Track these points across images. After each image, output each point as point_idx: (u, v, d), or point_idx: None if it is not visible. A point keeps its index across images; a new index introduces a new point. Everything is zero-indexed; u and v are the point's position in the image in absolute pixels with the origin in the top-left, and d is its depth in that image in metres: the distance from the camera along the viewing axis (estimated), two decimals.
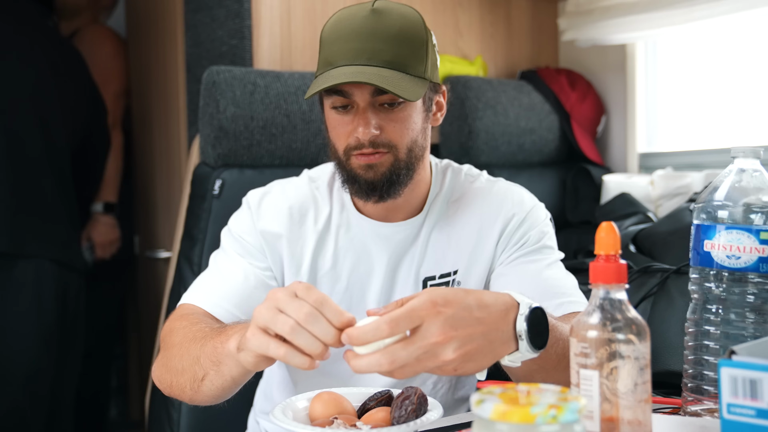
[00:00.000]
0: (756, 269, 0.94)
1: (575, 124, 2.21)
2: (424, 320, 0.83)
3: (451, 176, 1.33)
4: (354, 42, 1.13)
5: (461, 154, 2.01)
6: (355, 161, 1.17)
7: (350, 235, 1.27)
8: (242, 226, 1.27)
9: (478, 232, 1.27)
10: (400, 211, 1.26)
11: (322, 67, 1.17)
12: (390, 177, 1.18)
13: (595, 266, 0.79)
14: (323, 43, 1.18)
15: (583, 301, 1.19)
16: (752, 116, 2.02)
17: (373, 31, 1.13)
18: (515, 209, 1.27)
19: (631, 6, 2.08)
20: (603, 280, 0.78)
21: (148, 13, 2.53)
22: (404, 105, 1.16)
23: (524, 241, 1.26)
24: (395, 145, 1.17)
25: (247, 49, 1.88)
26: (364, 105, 1.15)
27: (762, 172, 0.97)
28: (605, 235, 0.79)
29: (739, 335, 0.95)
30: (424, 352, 0.82)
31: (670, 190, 1.99)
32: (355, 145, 1.16)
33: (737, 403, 0.73)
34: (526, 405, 0.63)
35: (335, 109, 1.17)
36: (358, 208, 1.27)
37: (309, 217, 1.27)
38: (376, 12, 1.14)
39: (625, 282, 0.79)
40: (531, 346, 0.88)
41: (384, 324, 0.82)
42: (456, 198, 1.30)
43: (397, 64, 1.13)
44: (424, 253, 1.27)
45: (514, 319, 0.88)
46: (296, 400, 0.99)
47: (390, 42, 1.13)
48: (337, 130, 1.18)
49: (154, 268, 2.51)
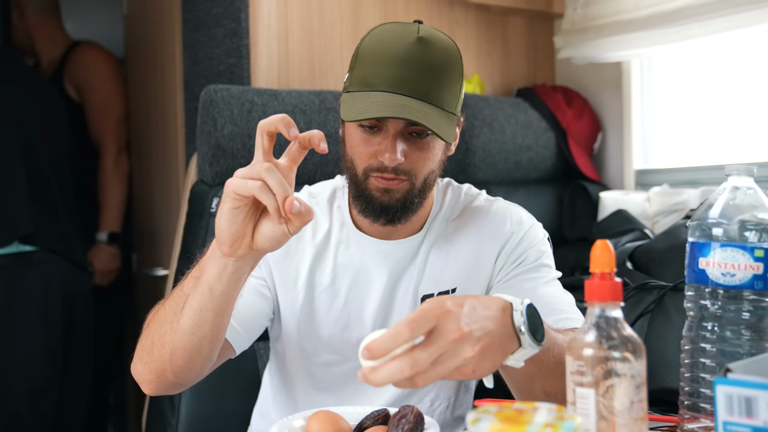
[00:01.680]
0: (751, 287, 0.94)
1: (572, 141, 2.21)
2: (439, 320, 0.82)
3: (451, 195, 1.33)
4: (397, 69, 1.12)
5: (458, 171, 2.02)
6: (374, 183, 1.17)
7: (350, 253, 1.27)
8: None
9: (477, 251, 1.28)
10: (401, 229, 1.27)
11: (358, 85, 1.15)
12: (404, 203, 1.18)
13: (590, 284, 0.79)
14: (362, 60, 1.16)
15: (580, 318, 1.19)
16: (746, 133, 2.03)
17: (418, 61, 1.13)
18: (514, 228, 1.28)
19: (627, 24, 2.10)
20: (598, 298, 0.79)
21: (147, 32, 2.54)
22: (431, 137, 1.17)
23: (522, 259, 1.27)
24: (415, 174, 1.17)
25: (244, 68, 1.89)
26: (395, 132, 1.14)
27: (756, 189, 0.98)
28: (600, 253, 0.80)
29: (735, 353, 0.95)
30: (444, 352, 0.81)
31: (666, 207, 2.00)
32: (378, 167, 1.16)
33: (733, 421, 0.73)
34: (522, 424, 0.63)
35: (362, 128, 1.17)
36: (358, 226, 1.28)
37: (307, 231, 1.27)
38: (422, 41, 1.14)
39: (620, 300, 0.79)
40: (532, 338, 0.89)
41: (404, 327, 0.81)
42: (455, 217, 1.31)
43: (435, 99, 1.13)
44: (422, 270, 1.27)
45: (510, 317, 0.89)
46: (293, 419, 0.99)
47: (432, 75, 1.13)
48: (360, 148, 1.18)
49: (152, 285, 2.51)
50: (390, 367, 0.80)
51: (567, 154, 2.22)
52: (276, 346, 1.34)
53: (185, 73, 2.13)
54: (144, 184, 2.63)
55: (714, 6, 1.88)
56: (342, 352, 1.27)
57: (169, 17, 2.33)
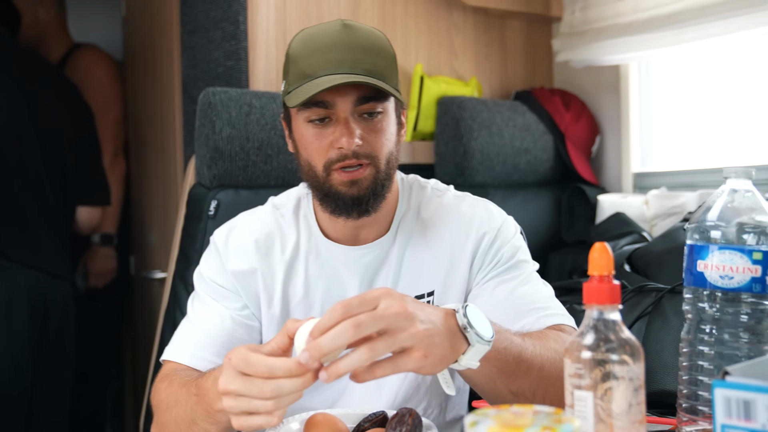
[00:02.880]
0: (749, 289, 0.94)
1: (570, 144, 2.22)
2: (380, 300, 0.85)
3: (418, 192, 1.31)
4: (332, 53, 1.13)
5: (456, 175, 2.02)
6: (338, 177, 1.15)
7: (320, 262, 1.25)
8: (212, 268, 1.25)
9: (451, 253, 1.25)
10: (370, 231, 1.24)
11: (297, 80, 1.15)
12: (374, 190, 1.16)
13: (588, 287, 0.79)
14: (294, 58, 1.17)
15: (562, 311, 1.19)
16: (744, 136, 2.03)
17: (349, 43, 1.14)
18: (485, 227, 1.26)
19: (625, 27, 2.10)
20: (596, 301, 0.78)
21: (145, 35, 2.54)
22: (382, 116, 1.17)
23: (498, 259, 1.25)
24: (376, 156, 1.16)
25: (243, 71, 1.89)
26: (345, 115, 1.14)
27: (754, 192, 0.98)
28: (598, 255, 0.80)
29: (733, 355, 0.95)
30: (389, 325, 0.83)
31: (664, 210, 2.00)
32: (338, 157, 1.14)
33: (731, 424, 0.73)
34: (520, 427, 0.63)
35: (312, 123, 1.15)
36: (326, 234, 1.25)
37: (276, 247, 1.25)
38: (347, 26, 1.16)
39: (618, 302, 0.79)
40: (479, 336, 0.90)
41: (337, 306, 0.83)
42: (425, 216, 1.28)
43: (377, 74, 1.13)
44: (398, 273, 1.25)
45: (454, 319, 0.90)
46: (290, 421, 0.99)
47: (367, 53, 1.14)
48: (315, 145, 1.16)
49: (150, 288, 2.50)
50: (334, 330, 0.82)
51: (565, 157, 2.22)
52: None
53: (183, 76, 2.13)
54: (142, 187, 2.63)
55: (711, 9, 1.88)
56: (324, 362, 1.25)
57: (168, 20, 2.33)
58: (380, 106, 1.16)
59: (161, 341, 1.66)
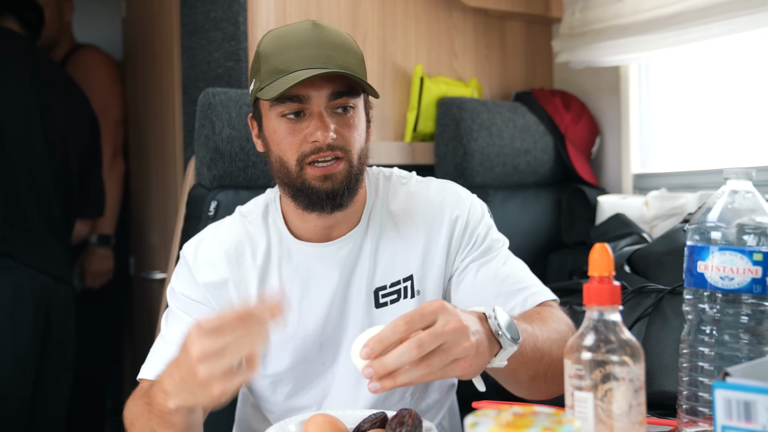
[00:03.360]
0: (749, 290, 0.94)
1: (570, 145, 2.22)
2: (437, 314, 0.89)
3: (384, 182, 1.32)
4: (305, 50, 1.15)
5: (456, 175, 2.02)
6: (311, 172, 1.16)
7: (293, 264, 1.25)
8: (183, 283, 1.25)
9: (426, 237, 1.27)
10: (341, 226, 1.25)
11: (270, 76, 1.16)
12: (348, 184, 1.18)
13: (588, 288, 0.79)
14: (266, 56, 1.17)
15: (542, 287, 1.25)
16: (745, 137, 2.03)
17: (321, 40, 1.16)
18: (457, 211, 1.28)
19: (624, 28, 2.10)
20: (597, 302, 0.78)
21: (145, 36, 2.54)
22: (354, 111, 1.18)
23: (474, 240, 1.28)
24: (349, 150, 1.17)
25: (243, 71, 1.89)
26: (320, 109, 1.15)
27: (754, 193, 0.98)
28: (599, 256, 0.80)
29: (734, 356, 0.95)
30: (446, 341, 0.88)
31: (664, 211, 2.00)
32: (311, 150, 1.15)
33: (732, 426, 0.73)
34: (520, 428, 0.63)
35: (285, 118, 1.16)
36: (297, 236, 1.26)
37: (246, 255, 1.25)
38: (317, 25, 1.18)
39: (618, 303, 0.79)
40: (510, 339, 0.96)
41: (401, 321, 0.87)
42: (393, 204, 1.30)
43: (350, 70, 1.15)
44: (374, 264, 1.26)
45: (487, 323, 0.96)
46: (289, 422, 0.99)
47: (338, 50, 1.16)
48: (288, 140, 1.17)
49: (150, 289, 2.50)
50: (399, 350, 0.86)
51: (565, 158, 2.22)
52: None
53: (183, 77, 2.13)
54: (142, 188, 2.63)
55: (712, 10, 1.88)
56: (308, 360, 1.25)
57: (168, 20, 2.33)
58: (352, 101, 1.18)
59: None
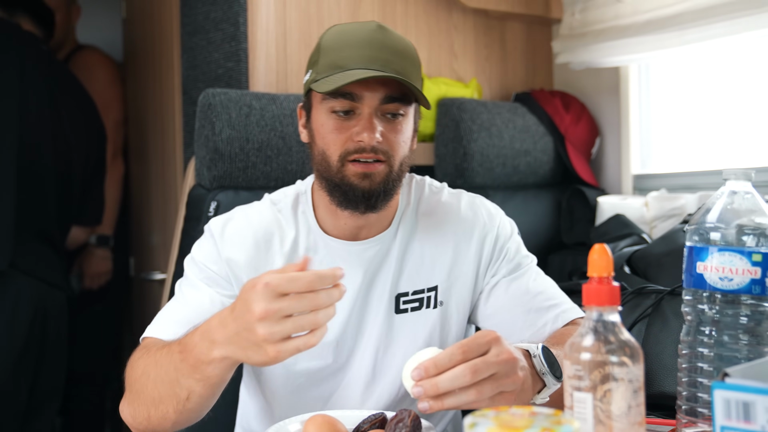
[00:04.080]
0: (749, 291, 0.94)
1: (570, 145, 2.22)
2: (491, 345, 0.91)
3: (416, 189, 1.33)
4: (366, 50, 1.15)
5: (456, 176, 2.02)
6: (352, 169, 1.16)
7: (319, 258, 1.25)
8: (206, 254, 1.24)
9: (455, 250, 1.28)
10: (371, 228, 1.25)
11: (327, 69, 1.16)
12: (385, 187, 1.18)
13: (588, 288, 0.79)
14: (326, 49, 1.18)
15: (571, 304, 1.27)
16: (744, 138, 2.03)
17: (383, 43, 1.16)
18: (488, 226, 1.30)
19: (624, 29, 2.10)
20: (596, 303, 0.78)
21: (145, 36, 2.54)
22: (403, 119, 1.19)
23: (504, 255, 1.30)
24: (392, 155, 1.18)
25: (243, 72, 1.89)
26: (370, 111, 1.15)
27: (753, 193, 0.98)
28: (598, 257, 0.80)
29: (733, 357, 0.95)
30: (498, 370, 0.90)
31: (664, 212, 2.00)
32: (355, 149, 1.15)
33: (731, 426, 0.73)
34: (519, 428, 0.63)
35: (335, 114, 1.17)
36: (324, 230, 1.26)
37: (275, 242, 1.24)
38: (382, 28, 1.18)
39: (618, 304, 0.79)
40: (554, 378, 0.99)
41: (457, 349, 0.89)
42: (425, 212, 1.30)
43: (406, 77, 1.15)
44: (399, 269, 1.26)
45: (533, 365, 0.99)
46: (289, 423, 0.99)
47: (398, 56, 1.16)
48: (334, 135, 1.17)
49: (150, 289, 2.50)
50: (454, 372, 0.87)
51: (565, 158, 2.22)
52: None
53: (183, 77, 2.13)
54: (142, 188, 2.63)
55: (712, 11, 1.88)
56: (322, 356, 1.25)
57: (168, 21, 2.33)
58: (403, 109, 1.18)
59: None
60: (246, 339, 0.88)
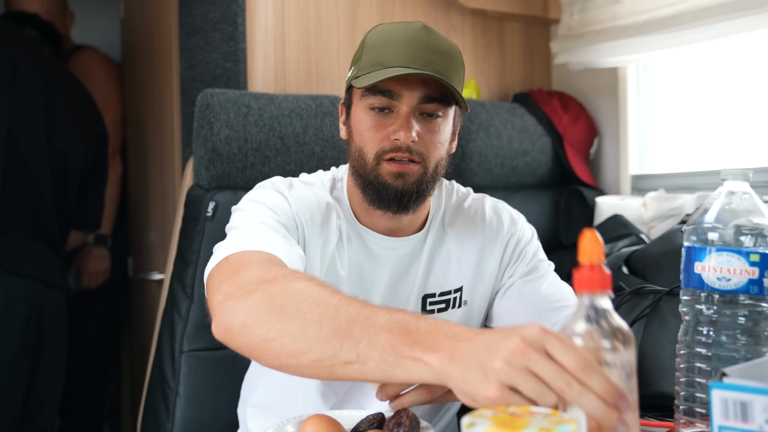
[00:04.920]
0: (746, 291, 0.94)
1: (568, 146, 2.22)
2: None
3: (446, 193, 1.35)
4: (409, 49, 1.14)
5: (454, 176, 2.02)
6: (386, 167, 1.16)
7: (353, 246, 1.25)
8: (275, 200, 1.17)
9: (480, 253, 1.30)
10: (406, 228, 1.27)
11: (369, 66, 1.16)
12: (418, 188, 1.18)
13: (579, 274, 0.78)
14: (370, 46, 1.18)
15: None
16: (742, 138, 2.03)
17: (427, 43, 1.15)
18: (512, 229, 1.34)
19: (623, 30, 2.10)
20: (588, 288, 0.78)
21: (143, 37, 2.54)
22: (442, 120, 1.19)
23: (522, 257, 1.33)
24: (428, 156, 1.18)
25: (241, 72, 1.89)
26: (408, 110, 1.15)
27: (751, 194, 0.98)
28: (589, 243, 0.79)
29: (731, 357, 0.95)
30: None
31: (662, 212, 2.00)
32: (391, 148, 1.15)
33: (728, 426, 0.73)
34: (517, 428, 0.63)
35: (373, 111, 1.17)
36: (360, 221, 1.26)
37: (333, 216, 1.23)
38: (427, 29, 1.18)
39: (609, 289, 0.78)
40: None
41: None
42: (453, 216, 1.33)
43: (447, 77, 1.15)
44: (428, 270, 1.27)
45: None
46: (286, 423, 0.99)
47: (441, 56, 1.16)
48: (371, 133, 1.17)
49: (148, 290, 2.50)
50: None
51: (563, 159, 2.22)
52: None
53: (182, 77, 2.13)
54: (140, 188, 2.63)
55: (710, 12, 1.88)
56: None
57: (166, 21, 2.33)
58: (442, 110, 1.18)
59: (159, 343, 1.66)
60: (478, 360, 0.74)
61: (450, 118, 1.21)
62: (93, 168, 2.39)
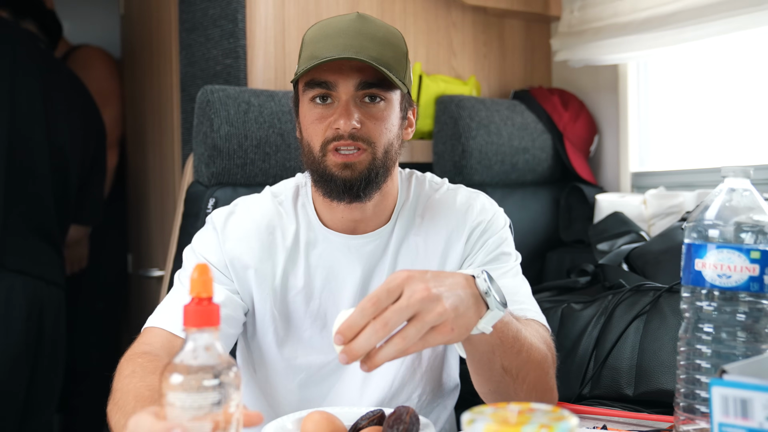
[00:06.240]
0: (747, 288, 0.94)
1: (568, 143, 2.22)
2: (404, 286, 0.86)
3: (416, 185, 1.33)
4: (341, 38, 1.14)
5: (455, 173, 2.02)
6: (332, 159, 1.16)
7: (318, 252, 1.25)
8: (207, 247, 1.24)
9: (447, 241, 1.28)
10: (369, 223, 1.25)
11: (305, 61, 1.17)
12: (368, 176, 1.17)
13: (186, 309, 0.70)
14: (306, 43, 1.19)
15: (536, 309, 1.23)
16: (742, 135, 2.03)
17: (359, 31, 1.15)
18: (479, 218, 1.29)
19: (623, 27, 2.10)
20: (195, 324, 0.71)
21: (143, 33, 2.54)
22: (384, 103, 1.18)
23: (484, 246, 1.28)
24: (374, 142, 1.17)
25: (241, 69, 1.89)
26: (347, 98, 1.15)
27: (752, 191, 0.98)
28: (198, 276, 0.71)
29: (731, 354, 0.95)
30: (418, 310, 0.85)
31: (662, 209, 2.00)
32: (334, 137, 1.15)
33: (729, 423, 0.73)
34: (517, 425, 0.63)
35: (314, 103, 1.17)
36: (325, 223, 1.26)
37: (277, 234, 1.25)
38: (362, 17, 1.18)
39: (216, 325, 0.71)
40: (498, 302, 0.92)
41: (367, 303, 0.84)
42: (423, 207, 1.30)
43: (382, 63, 1.14)
44: (395, 262, 1.26)
45: (474, 283, 0.93)
46: (287, 420, 0.99)
47: (376, 42, 1.15)
48: (315, 125, 1.17)
49: (147, 286, 2.50)
50: (365, 333, 0.83)
51: (563, 156, 2.22)
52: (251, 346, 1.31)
53: (182, 74, 2.13)
54: (140, 185, 2.63)
55: (710, 9, 1.88)
56: (324, 350, 1.26)
57: (166, 18, 2.32)
58: (382, 95, 1.17)
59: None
60: None
61: (394, 103, 1.19)
62: (92, 165, 2.39)
